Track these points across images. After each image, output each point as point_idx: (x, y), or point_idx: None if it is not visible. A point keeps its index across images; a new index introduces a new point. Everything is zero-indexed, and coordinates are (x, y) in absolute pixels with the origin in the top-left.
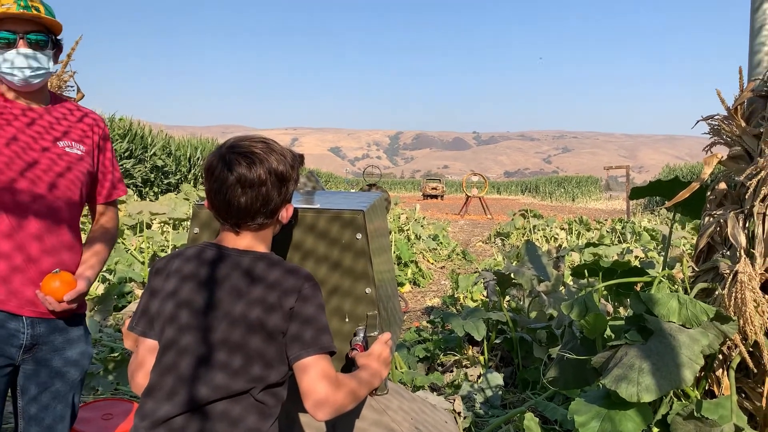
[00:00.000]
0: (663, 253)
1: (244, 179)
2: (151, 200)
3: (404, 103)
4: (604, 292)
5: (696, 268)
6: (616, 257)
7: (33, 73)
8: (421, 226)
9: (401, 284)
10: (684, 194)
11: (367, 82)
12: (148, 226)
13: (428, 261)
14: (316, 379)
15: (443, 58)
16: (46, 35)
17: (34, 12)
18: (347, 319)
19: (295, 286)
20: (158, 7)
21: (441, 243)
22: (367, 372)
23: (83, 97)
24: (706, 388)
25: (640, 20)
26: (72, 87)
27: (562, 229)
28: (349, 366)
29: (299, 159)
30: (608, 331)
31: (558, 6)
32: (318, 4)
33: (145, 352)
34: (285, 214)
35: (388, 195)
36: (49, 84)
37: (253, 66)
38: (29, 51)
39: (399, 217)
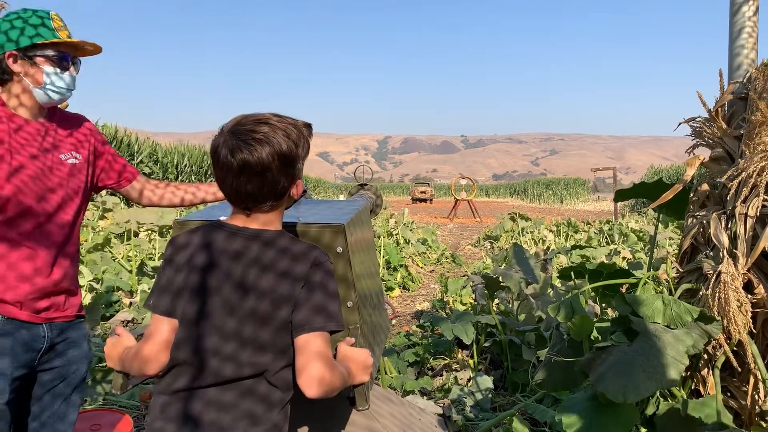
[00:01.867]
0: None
1: (249, 167)
2: (138, 208)
3: (392, 108)
4: (592, 294)
5: (680, 269)
6: (603, 259)
7: (71, 94)
8: (410, 230)
9: (391, 289)
10: (667, 196)
11: (355, 87)
12: (136, 234)
13: (417, 265)
14: (312, 356)
15: (430, 62)
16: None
17: (92, 42)
18: None
19: (302, 271)
20: (142, 15)
21: (430, 247)
22: (350, 363)
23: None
24: (692, 387)
25: (626, 22)
26: None
27: (550, 231)
28: None
29: (307, 130)
30: (595, 333)
31: (544, 8)
32: (303, 7)
33: (168, 332)
34: (295, 191)
35: (381, 195)
36: None
37: (239, 71)
38: (75, 74)
39: (388, 221)
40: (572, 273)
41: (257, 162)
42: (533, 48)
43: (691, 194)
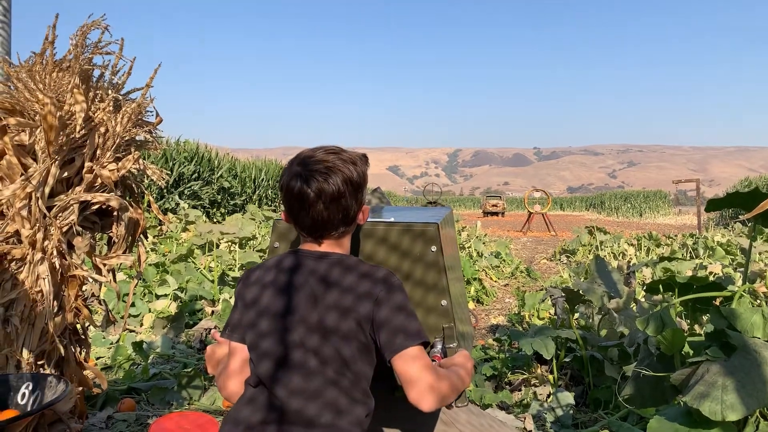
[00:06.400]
0: (740, 269)
1: (325, 194)
2: (218, 221)
3: (462, 120)
4: (679, 309)
5: None
6: (689, 273)
7: None
8: (483, 243)
9: None
10: (765, 205)
11: (425, 100)
12: (217, 246)
13: (491, 279)
14: (419, 370)
15: (501, 74)
16: None
17: None
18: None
19: (369, 291)
20: (221, 44)
21: (504, 260)
22: (459, 369)
23: (161, 122)
24: None
25: (706, 25)
26: (151, 112)
27: (631, 245)
28: None
29: (366, 160)
30: (686, 348)
31: (620, 11)
32: (373, 23)
33: (242, 361)
34: (362, 217)
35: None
36: (130, 109)
37: (311, 90)
38: None
39: (460, 234)
40: (660, 286)
41: (333, 189)
42: (607, 55)
43: None
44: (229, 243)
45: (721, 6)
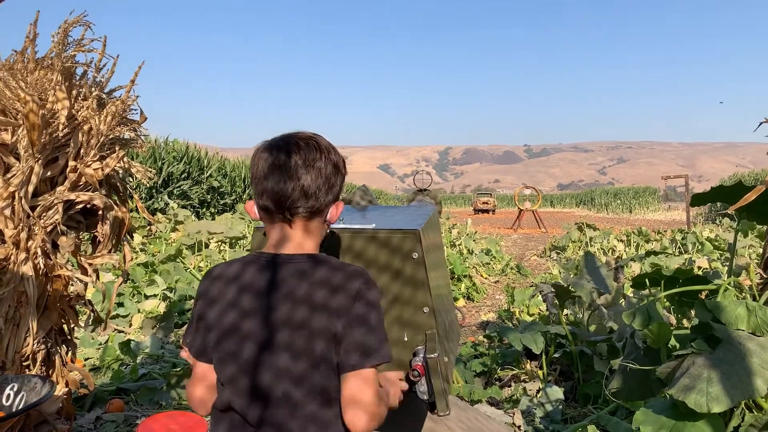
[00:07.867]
0: (727, 263)
1: (305, 159)
2: (208, 220)
3: (453, 119)
4: (666, 303)
5: (764, 275)
6: (678, 267)
7: None
8: (474, 240)
9: (455, 299)
10: (749, 197)
11: (416, 99)
12: (206, 245)
13: (482, 275)
14: (362, 386)
15: (491, 72)
16: None
17: None
18: (406, 330)
19: (344, 285)
20: (211, 42)
21: (494, 257)
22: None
23: (146, 120)
24: None
25: (694, 24)
26: (135, 110)
27: (620, 240)
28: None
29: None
30: (673, 341)
31: (609, 11)
32: (363, 23)
33: (206, 367)
34: (334, 212)
35: (440, 201)
36: (114, 107)
37: (301, 87)
38: None
39: (450, 232)
40: (647, 280)
41: (314, 157)
42: (597, 53)
43: None
44: (219, 242)
45: (709, 5)
